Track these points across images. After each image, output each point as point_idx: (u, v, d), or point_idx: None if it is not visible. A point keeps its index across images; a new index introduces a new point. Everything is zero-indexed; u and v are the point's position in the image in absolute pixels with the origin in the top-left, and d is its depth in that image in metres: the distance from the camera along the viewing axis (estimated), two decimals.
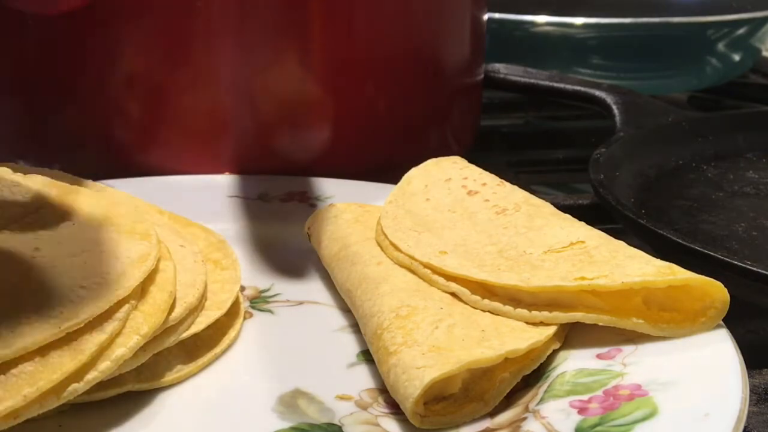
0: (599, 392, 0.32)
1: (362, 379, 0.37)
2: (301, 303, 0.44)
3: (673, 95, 0.89)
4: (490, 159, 0.55)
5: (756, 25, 0.82)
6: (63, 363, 0.31)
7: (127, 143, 0.56)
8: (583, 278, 0.35)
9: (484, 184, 0.46)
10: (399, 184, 0.48)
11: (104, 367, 0.32)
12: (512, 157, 0.74)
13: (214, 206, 0.51)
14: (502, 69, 0.74)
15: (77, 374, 0.31)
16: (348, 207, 0.47)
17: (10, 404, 0.29)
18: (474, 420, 0.33)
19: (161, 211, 0.45)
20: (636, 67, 0.82)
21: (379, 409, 0.35)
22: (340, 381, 0.37)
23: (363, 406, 0.35)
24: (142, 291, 0.35)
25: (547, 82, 0.72)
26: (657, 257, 0.37)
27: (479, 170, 0.48)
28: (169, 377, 0.36)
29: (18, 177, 0.42)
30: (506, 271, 0.38)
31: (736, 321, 0.35)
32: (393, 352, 0.34)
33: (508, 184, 0.46)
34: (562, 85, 0.72)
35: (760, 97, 0.87)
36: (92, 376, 0.32)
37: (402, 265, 0.41)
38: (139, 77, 0.55)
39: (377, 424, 0.34)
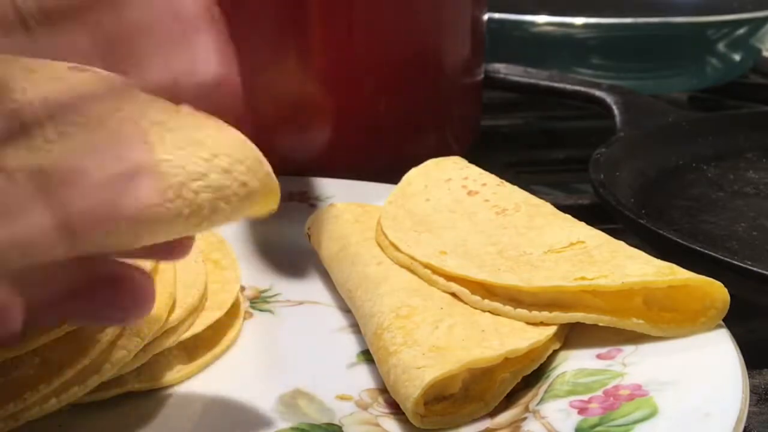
0: (599, 392, 0.32)
1: (362, 379, 0.37)
2: (301, 303, 0.44)
3: (674, 95, 0.88)
4: (490, 159, 0.55)
5: (756, 25, 0.82)
6: (63, 366, 0.31)
7: None
8: (583, 278, 0.35)
9: (485, 185, 0.46)
10: (399, 184, 0.48)
11: (104, 371, 0.32)
12: (512, 157, 0.74)
13: None
14: (502, 69, 0.74)
15: (78, 377, 0.31)
16: (348, 207, 0.47)
17: (11, 407, 0.29)
18: (474, 420, 0.33)
19: None
20: (636, 67, 0.81)
21: (379, 409, 0.35)
22: (340, 381, 0.37)
23: (363, 406, 0.35)
24: None
25: (547, 82, 0.72)
26: (657, 257, 0.37)
27: (479, 170, 0.48)
28: (169, 377, 0.36)
29: None
30: (506, 272, 0.38)
31: (736, 321, 0.35)
32: (393, 352, 0.34)
33: (508, 185, 0.46)
34: (562, 85, 0.72)
35: (760, 97, 0.87)
36: (92, 380, 0.32)
37: (402, 265, 0.41)
38: None
39: (377, 424, 0.34)
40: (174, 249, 0.29)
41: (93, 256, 0.25)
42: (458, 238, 0.42)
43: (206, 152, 0.27)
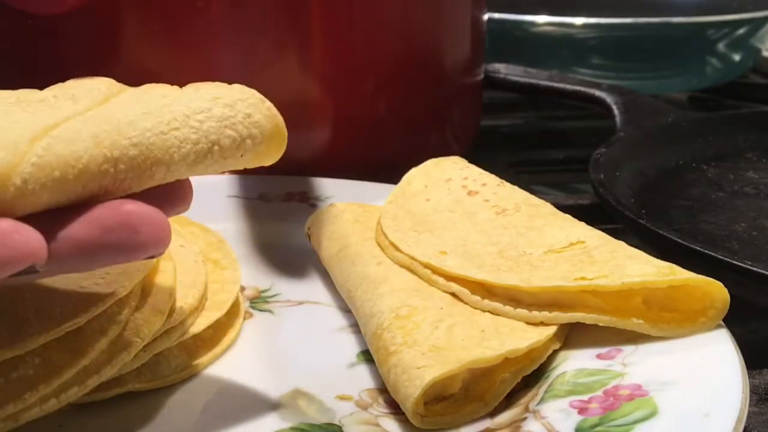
0: (599, 392, 0.32)
1: (362, 379, 0.37)
2: (301, 303, 0.44)
3: (674, 95, 0.89)
4: (490, 159, 0.55)
5: (756, 25, 0.82)
6: (63, 366, 0.31)
7: None
8: (583, 278, 0.35)
9: (485, 185, 0.46)
10: (399, 184, 0.48)
11: (104, 371, 0.32)
12: (512, 157, 0.74)
13: (214, 206, 0.51)
14: (502, 69, 0.74)
15: (77, 377, 0.31)
16: (348, 207, 0.47)
17: (11, 408, 0.29)
18: (474, 420, 0.33)
19: None
20: (636, 67, 0.82)
21: (379, 409, 0.35)
22: (340, 381, 0.37)
23: (363, 406, 0.35)
24: (142, 292, 0.35)
25: (547, 82, 0.72)
26: (657, 257, 0.37)
27: (479, 170, 0.48)
28: (169, 377, 0.36)
29: None
30: (506, 272, 0.38)
31: (736, 321, 0.35)
32: (393, 352, 0.34)
33: (508, 185, 0.46)
34: (562, 85, 0.72)
35: (760, 97, 0.87)
36: (92, 380, 0.32)
37: (402, 265, 0.41)
38: (139, 78, 0.55)
39: (377, 424, 0.34)
40: (175, 197, 0.29)
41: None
42: (458, 238, 0.42)
43: (209, 95, 0.30)
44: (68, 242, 0.25)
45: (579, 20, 0.78)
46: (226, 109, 0.29)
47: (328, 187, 0.54)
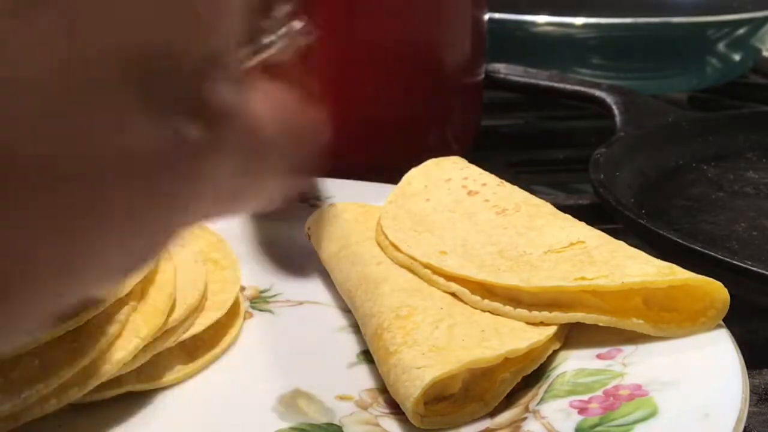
0: (599, 392, 0.32)
1: (362, 379, 0.37)
2: (301, 303, 0.44)
3: (674, 95, 0.88)
4: (490, 159, 0.55)
5: (756, 25, 0.82)
6: (63, 366, 0.31)
7: None
8: (583, 278, 0.35)
9: (484, 185, 0.46)
10: (399, 184, 0.48)
11: (104, 371, 0.32)
12: (512, 157, 0.74)
13: None
14: (503, 69, 0.74)
15: (77, 377, 0.31)
16: (348, 207, 0.47)
17: (10, 407, 0.29)
18: (474, 420, 0.33)
19: None
20: (636, 67, 0.81)
21: (379, 409, 0.35)
22: (340, 381, 0.37)
23: (363, 406, 0.35)
24: (141, 292, 0.35)
25: (547, 82, 0.72)
26: (657, 257, 0.37)
27: (479, 170, 0.48)
28: (169, 377, 0.36)
29: None
30: (506, 272, 0.38)
31: (736, 321, 0.35)
32: (393, 352, 0.34)
33: (508, 185, 0.46)
34: (562, 85, 0.72)
35: (760, 97, 0.87)
36: (92, 380, 0.32)
37: (402, 266, 0.41)
38: None
39: (377, 425, 0.34)
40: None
41: None
42: (458, 238, 0.42)
43: None
44: None
45: (579, 20, 0.78)
46: None
47: (328, 187, 0.54)
